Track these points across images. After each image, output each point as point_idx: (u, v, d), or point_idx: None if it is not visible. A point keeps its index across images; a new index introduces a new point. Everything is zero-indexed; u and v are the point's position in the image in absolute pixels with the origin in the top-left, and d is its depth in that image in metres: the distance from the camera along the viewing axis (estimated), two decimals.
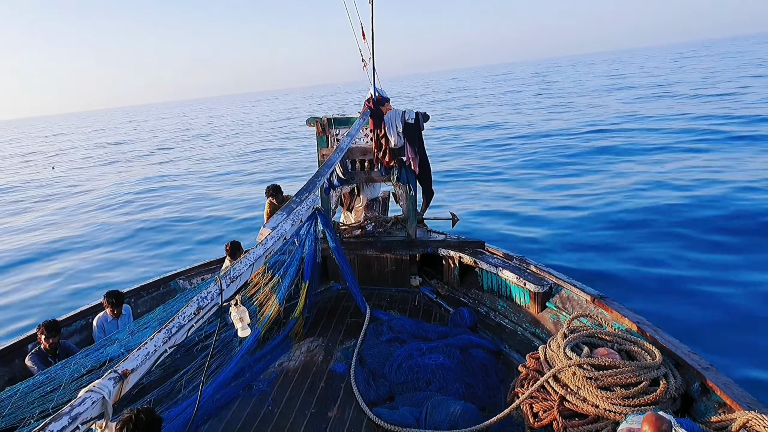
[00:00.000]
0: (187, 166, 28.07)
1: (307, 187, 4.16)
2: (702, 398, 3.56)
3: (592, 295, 4.84)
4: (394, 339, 5.50)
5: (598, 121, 26.12)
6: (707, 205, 11.50)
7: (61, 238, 15.29)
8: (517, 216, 12.88)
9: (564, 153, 19.69)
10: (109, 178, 26.27)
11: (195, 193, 19.99)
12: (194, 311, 2.41)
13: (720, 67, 55.51)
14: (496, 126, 29.87)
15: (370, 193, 7.59)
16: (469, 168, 19.48)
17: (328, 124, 6.71)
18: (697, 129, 20.82)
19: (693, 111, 25.71)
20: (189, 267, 6.53)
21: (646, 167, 15.79)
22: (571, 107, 34.39)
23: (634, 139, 20.36)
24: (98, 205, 19.56)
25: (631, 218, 11.44)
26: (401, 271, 6.93)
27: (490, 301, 6.09)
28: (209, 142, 40.64)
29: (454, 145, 25.11)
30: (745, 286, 7.88)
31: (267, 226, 3.39)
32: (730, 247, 9.40)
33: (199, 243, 13.69)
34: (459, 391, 4.54)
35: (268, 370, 5.19)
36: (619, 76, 60.50)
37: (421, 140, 6.62)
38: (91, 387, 1.84)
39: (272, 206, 7.27)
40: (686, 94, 34.00)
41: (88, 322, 5.14)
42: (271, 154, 29.66)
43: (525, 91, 55.41)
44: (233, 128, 52.57)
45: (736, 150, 16.68)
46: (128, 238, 14.70)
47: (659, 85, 42.66)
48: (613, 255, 9.71)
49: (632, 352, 3.88)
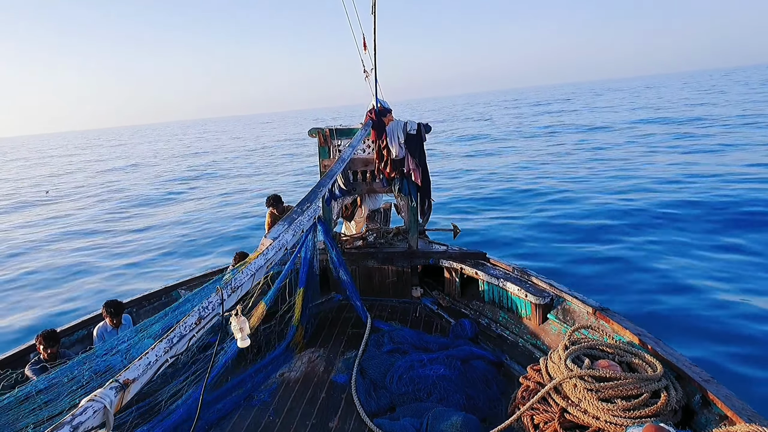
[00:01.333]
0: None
1: (308, 197, 4.18)
2: (703, 411, 3.54)
3: (594, 307, 4.83)
4: (395, 350, 5.49)
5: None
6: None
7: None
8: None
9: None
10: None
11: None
12: (195, 321, 2.42)
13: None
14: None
15: (372, 204, 7.62)
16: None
17: (330, 135, 6.76)
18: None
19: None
20: (191, 277, 6.55)
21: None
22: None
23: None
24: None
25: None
26: (402, 282, 6.93)
27: (491, 313, 6.08)
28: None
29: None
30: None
31: (268, 236, 3.41)
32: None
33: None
34: (460, 403, 4.53)
35: (269, 381, 5.19)
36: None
37: (423, 151, 6.65)
38: (93, 396, 1.85)
39: (273, 216, 7.31)
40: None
41: (89, 332, 5.16)
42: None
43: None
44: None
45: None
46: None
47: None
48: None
49: (633, 364, 3.87)
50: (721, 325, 7.55)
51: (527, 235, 12.68)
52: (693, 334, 7.39)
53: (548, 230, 12.94)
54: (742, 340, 7.10)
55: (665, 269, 9.71)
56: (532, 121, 49.54)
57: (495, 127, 47.43)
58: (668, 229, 12.08)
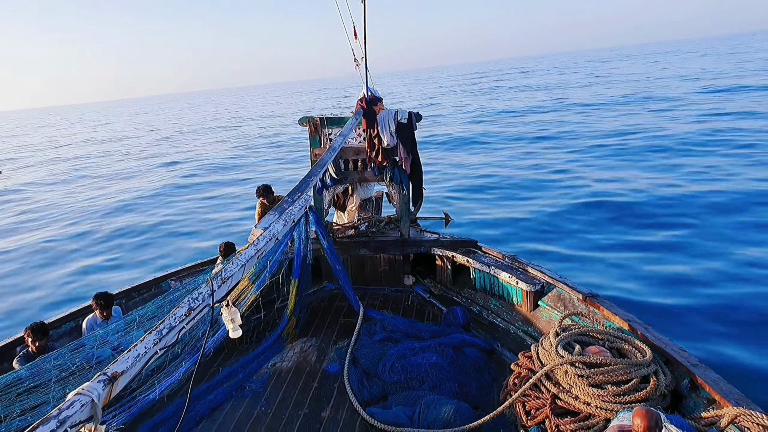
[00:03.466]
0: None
1: (299, 186, 4.14)
2: (691, 395, 3.60)
3: (584, 293, 4.87)
4: (387, 338, 5.50)
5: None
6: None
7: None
8: None
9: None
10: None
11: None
12: (185, 312, 2.39)
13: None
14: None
15: (364, 193, 7.58)
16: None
17: (320, 124, 6.69)
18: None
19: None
20: (180, 268, 6.49)
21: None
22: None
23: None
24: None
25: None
26: (394, 270, 6.93)
27: (482, 300, 6.11)
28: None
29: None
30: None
31: (259, 226, 3.37)
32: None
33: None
34: (452, 390, 4.55)
35: (261, 371, 5.18)
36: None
37: (414, 140, 6.62)
38: (80, 390, 1.82)
39: (263, 206, 7.24)
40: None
41: (78, 324, 5.10)
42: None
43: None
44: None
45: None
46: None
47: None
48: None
49: (623, 349, 3.92)
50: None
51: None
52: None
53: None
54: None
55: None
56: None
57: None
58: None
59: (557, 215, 12.64)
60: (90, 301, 4.96)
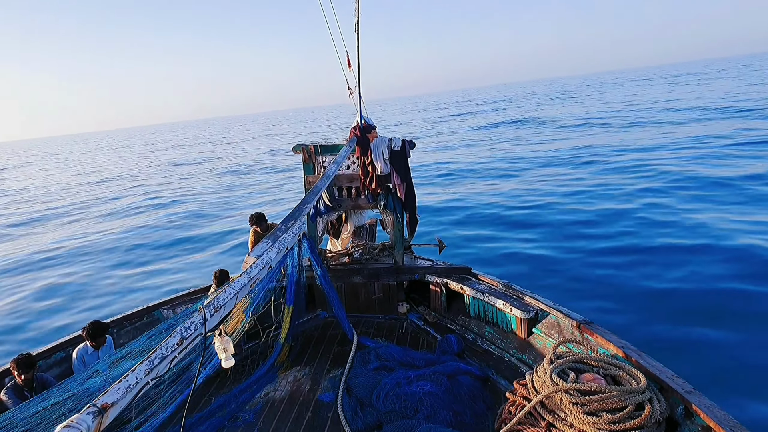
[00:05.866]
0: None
1: (293, 214, 4.17)
2: (686, 422, 3.58)
3: (578, 320, 4.87)
4: (381, 367, 5.44)
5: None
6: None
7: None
8: None
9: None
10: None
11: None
12: (177, 342, 2.38)
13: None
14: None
15: (357, 220, 7.62)
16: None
17: (314, 151, 6.77)
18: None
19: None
20: (173, 296, 6.45)
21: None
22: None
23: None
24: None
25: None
26: (388, 298, 6.91)
27: (477, 328, 6.09)
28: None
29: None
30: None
31: (252, 254, 3.39)
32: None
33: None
34: (447, 419, 4.49)
35: (254, 400, 5.10)
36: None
37: (408, 167, 6.70)
38: (69, 422, 1.80)
39: (257, 234, 7.25)
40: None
41: (68, 354, 5.02)
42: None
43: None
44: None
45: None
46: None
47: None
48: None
49: (618, 377, 3.90)
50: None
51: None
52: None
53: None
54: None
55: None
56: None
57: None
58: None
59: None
60: (80, 331, 4.91)
